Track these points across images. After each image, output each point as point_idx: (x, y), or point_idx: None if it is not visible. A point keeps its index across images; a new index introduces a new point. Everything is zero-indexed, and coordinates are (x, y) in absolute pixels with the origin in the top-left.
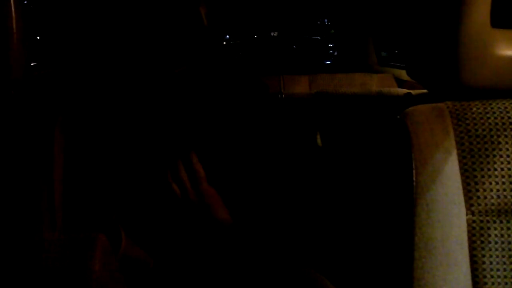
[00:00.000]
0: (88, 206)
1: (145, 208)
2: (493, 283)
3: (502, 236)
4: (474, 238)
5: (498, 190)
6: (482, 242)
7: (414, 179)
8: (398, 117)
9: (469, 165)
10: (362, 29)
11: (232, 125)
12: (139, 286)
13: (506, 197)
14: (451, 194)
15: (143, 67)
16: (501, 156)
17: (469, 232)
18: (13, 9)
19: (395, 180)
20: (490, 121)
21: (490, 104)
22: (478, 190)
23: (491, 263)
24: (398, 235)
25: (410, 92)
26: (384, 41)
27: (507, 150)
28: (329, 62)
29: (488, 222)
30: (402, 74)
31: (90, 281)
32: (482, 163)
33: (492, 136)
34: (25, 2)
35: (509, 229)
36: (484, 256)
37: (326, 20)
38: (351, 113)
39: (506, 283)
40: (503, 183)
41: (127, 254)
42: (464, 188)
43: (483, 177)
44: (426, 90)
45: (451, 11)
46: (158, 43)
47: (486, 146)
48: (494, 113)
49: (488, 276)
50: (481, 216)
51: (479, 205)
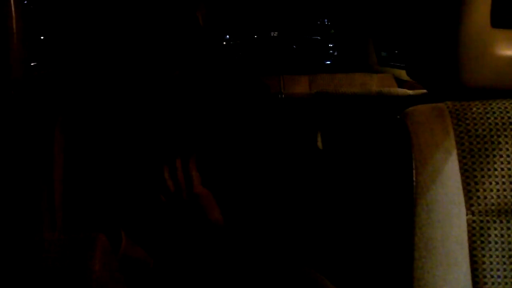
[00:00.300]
0: (88, 206)
1: (143, 207)
2: (493, 283)
3: (502, 236)
4: (474, 238)
5: (498, 190)
6: (482, 242)
7: (414, 179)
8: (398, 117)
9: (469, 165)
10: (362, 29)
11: (232, 125)
12: (139, 286)
13: (506, 197)
14: (451, 194)
15: (143, 68)
16: (501, 156)
17: (469, 232)
18: (13, 9)
19: (395, 180)
20: (490, 121)
21: (490, 104)
22: (478, 190)
23: (491, 263)
24: (398, 235)
25: (410, 92)
26: (384, 41)
27: (507, 150)
28: (329, 62)
29: (488, 222)
30: (402, 74)
31: (90, 281)
32: (482, 163)
33: (492, 136)
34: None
35: (509, 229)
36: (484, 256)
37: (326, 20)
38: (351, 113)
39: (506, 283)
40: (503, 183)
41: (127, 254)
42: (464, 188)
43: (483, 177)
44: (426, 90)
45: (451, 11)
46: (156, 44)
47: (486, 146)
48: (494, 113)
49: (488, 276)
50: (481, 216)
51: (479, 205)
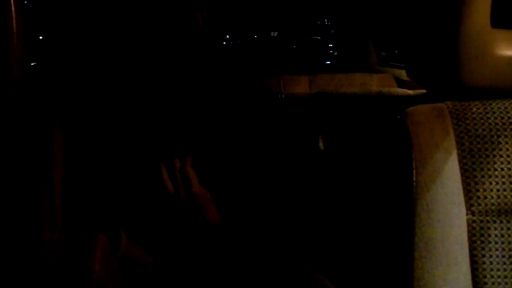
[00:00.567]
0: (88, 206)
1: (142, 207)
2: (493, 283)
3: (502, 236)
4: (474, 238)
5: (498, 190)
6: (482, 242)
7: (414, 179)
8: (398, 117)
9: (469, 165)
10: (362, 29)
11: (233, 125)
12: (139, 286)
13: (506, 197)
14: (451, 194)
15: (142, 68)
16: (501, 156)
17: (469, 232)
18: (13, 9)
19: (395, 180)
20: (490, 121)
21: (490, 104)
22: (478, 190)
23: (491, 263)
24: (398, 235)
25: (410, 92)
26: (384, 41)
27: (507, 150)
28: (329, 62)
29: (488, 222)
30: (402, 74)
31: (90, 281)
32: (482, 163)
33: (492, 136)
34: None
35: (509, 229)
36: (484, 256)
37: (326, 20)
38: (351, 113)
39: (506, 283)
40: (503, 183)
41: (128, 254)
42: (464, 188)
43: (483, 177)
44: (426, 90)
45: (451, 11)
46: (156, 44)
47: (486, 146)
48: (494, 113)
49: (488, 276)
50: (481, 216)
51: (479, 205)
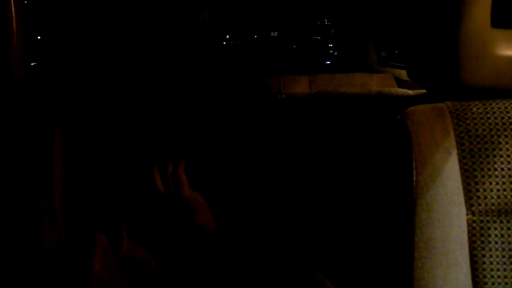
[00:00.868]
0: (88, 206)
1: (136, 208)
2: (493, 283)
3: (502, 236)
4: (474, 238)
5: (498, 190)
6: (482, 242)
7: (414, 179)
8: (398, 117)
9: (469, 165)
10: (362, 29)
11: (233, 126)
12: (140, 286)
13: (506, 197)
14: (451, 194)
15: (142, 69)
16: (501, 156)
17: (469, 232)
18: (13, 9)
19: (395, 180)
20: (490, 121)
21: (490, 104)
22: (478, 190)
23: (491, 263)
24: (398, 235)
25: (410, 92)
26: (384, 41)
27: (507, 150)
28: (329, 62)
29: (488, 222)
30: (402, 74)
31: (90, 281)
32: (482, 163)
33: (492, 136)
34: (25, 2)
35: (509, 229)
36: (484, 256)
37: (326, 20)
38: (351, 113)
39: (506, 283)
40: (503, 183)
41: (129, 255)
42: (464, 188)
43: (483, 177)
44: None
45: (451, 11)
46: (156, 45)
47: (486, 146)
48: (494, 113)
49: (488, 276)
50: (481, 216)
51: (479, 205)
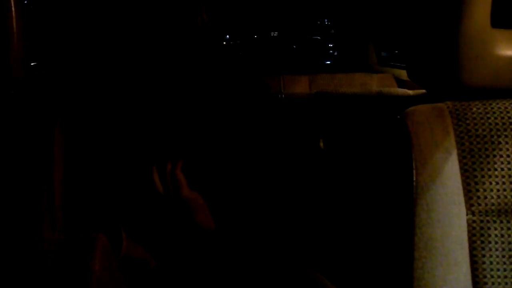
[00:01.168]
0: (88, 206)
1: (136, 208)
2: (493, 283)
3: (502, 236)
4: (474, 238)
5: (498, 190)
6: (482, 242)
7: (414, 179)
8: (398, 117)
9: (469, 165)
10: (362, 29)
11: (233, 126)
12: (140, 286)
13: (506, 197)
14: (451, 194)
15: (142, 69)
16: (501, 156)
17: (469, 232)
18: (13, 9)
19: (395, 180)
20: (490, 121)
21: (490, 104)
22: (478, 190)
23: (491, 263)
24: (398, 235)
25: (410, 92)
26: (384, 41)
27: (507, 150)
28: (329, 62)
29: (488, 222)
30: (402, 74)
31: (90, 281)
32: (482, 163)
33: (492, 136)
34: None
35: (509, 229)
36: (484, 256)
37: (326, 20)
38: (351, 113)
39: (506, 283)
40: (503, 183)
41: (129, 255)
42: (464, 188)
43: (483, 177)
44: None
45: (451, 11)
46: (156, 45)
47: (486, 146)
48: (494, 113)
49: (488, 276)
50: (481, 216)
51: (479, 205)
